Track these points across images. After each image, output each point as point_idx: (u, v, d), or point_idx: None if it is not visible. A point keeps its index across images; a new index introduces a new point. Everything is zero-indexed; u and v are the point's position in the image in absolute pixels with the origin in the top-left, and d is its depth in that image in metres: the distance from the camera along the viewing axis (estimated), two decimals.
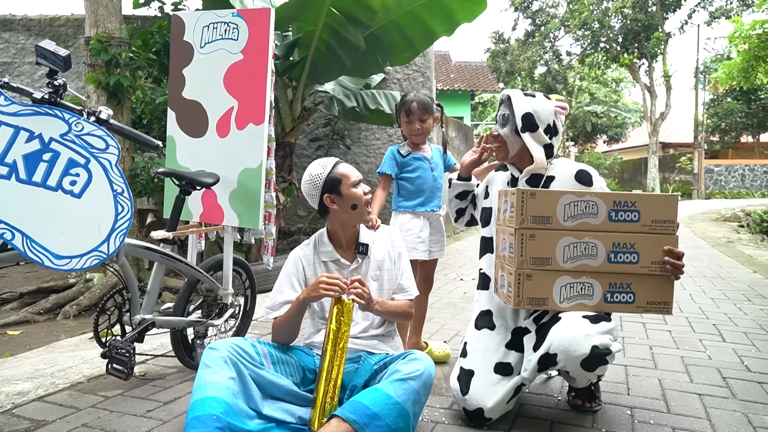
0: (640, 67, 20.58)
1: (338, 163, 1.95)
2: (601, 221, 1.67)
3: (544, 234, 1.69)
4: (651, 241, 1.65)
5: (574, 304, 1.70)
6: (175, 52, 2.57)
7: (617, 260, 1.67)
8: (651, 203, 1.66)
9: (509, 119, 1.97)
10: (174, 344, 2.39)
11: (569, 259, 1.69)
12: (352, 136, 7.68)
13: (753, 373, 2.48)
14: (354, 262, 1.97)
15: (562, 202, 1.68)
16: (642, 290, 1.68)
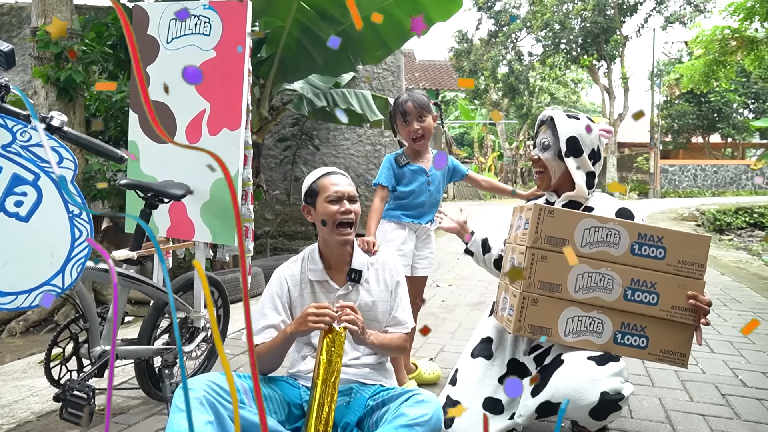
0: (599, 69, 21.05)
1: (327, 174, 1.77)
2: (622, 253, 1.52)
3: (558, 258, 1.53)
4: (674, 283, 1.50)
5: (580, 339, 1.55)
6: (138, 48, 2.30)
7: (634, 299, 1.52)
8: (680, 242, 1.51)
9: (551, 143, 1.82)
10: (139, 375, 2.14)
11: (581, 290, 1.54)
12: (321, 136, 7.44)
13: (750, 388, 2.43)
14: (344, 287, 1.78)
15: (581, 225, 1.53)
16: (657, 336, 1.52)
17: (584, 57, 20.27)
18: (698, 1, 18.59)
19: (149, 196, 2.00)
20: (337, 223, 1.69)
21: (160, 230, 2.28)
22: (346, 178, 1.78)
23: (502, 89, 24.00)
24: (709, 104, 21.37)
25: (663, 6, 19.20)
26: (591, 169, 1.81)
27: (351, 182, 1.77)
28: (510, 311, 1.62)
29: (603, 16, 19.39)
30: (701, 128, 22.73)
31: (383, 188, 2.30)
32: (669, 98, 23.22)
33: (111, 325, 1.92)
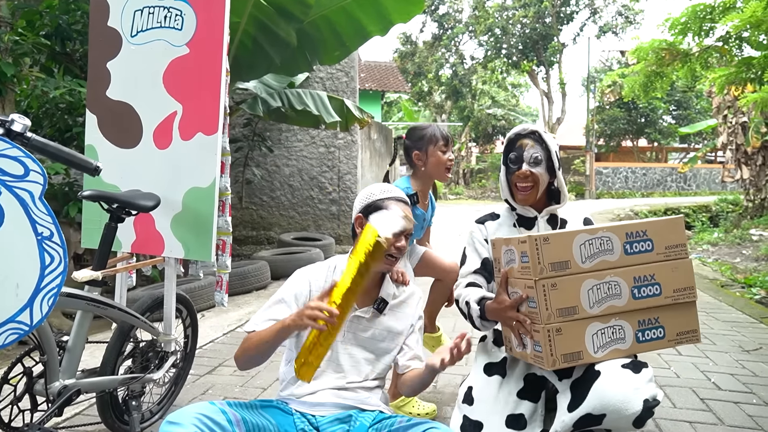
0: (539, 74, 21.81)
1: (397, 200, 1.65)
2: (619, 256, 1.54)
3: (566, 281, 1.51)
4: (669, 268, 1.57)
5: (609, 351, 1.53)
6: (96, 41, 2.05)
7: (642, 295, 1.55)
8: (661, 229, 1.58)
9: (542, 158, 1.82)
10: (102, 409, 1.90)
11: (595, 304, 1.53)
12: (273, 137, 7.18)
13: (724, 391, 2.49)
14: (364, 310, 1.65)
15: (576, 242, 1.52)
16: (670, 322, 1.58)
17: (524, 62, 20.93)
18: (629, 14, 19.63)
19: (115, 208, 1.78)
20: (388, 254, 1.57)
21: (124, 245, 2.05)
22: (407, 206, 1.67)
23: (446, 91, 24.35)
24: (638, 110, 22.64)
25: (597, 16, 20.15)
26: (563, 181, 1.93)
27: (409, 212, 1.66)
28: (535, 347, 1.58)
29: (542, 23, 20.08)
30: (631, 133, 24.05)
31: None
32: (601, 104, 24.42)
33: (71, 356, 1.69)
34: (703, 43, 7.36)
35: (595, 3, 19.96)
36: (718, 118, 11.96)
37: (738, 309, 4.10)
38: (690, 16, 6.93)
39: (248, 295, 4.76)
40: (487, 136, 28.93)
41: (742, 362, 2.90)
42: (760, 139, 10.37)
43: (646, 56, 8.01)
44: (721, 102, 11.84)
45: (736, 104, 10.80)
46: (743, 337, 3.38)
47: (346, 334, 1.67)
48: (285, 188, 7.31)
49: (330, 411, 1.63)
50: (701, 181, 22.95)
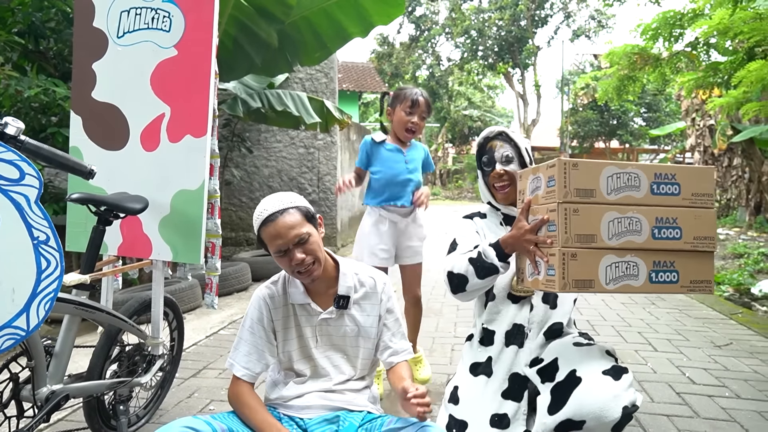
0: (514, 76, 22.10)
1: (264, 223, 1.50)
2: (644, 194, 1.54)
3: (588, 209, 1.53)
4: (692, 215, 1.56)
5: (621, 285, 1.53)
6: (82, 41, 2.02)
7: (661, 236, 1.54)
8: (690, 176, 1.57)
9: (513, 156, 1.86)
10: (89, 414, 1.88)
11: (614, 236, 1.52)
12: (252, 138, 7.14)
13: (699, 385, 2.59)
14: (328, 311, 1.63)
15: (605, 174, 1.53)
16: (685, 268, 1.56)
17: (500, 64, 21.19)
18: (601, 18, 20.07)
19: (103, 211, 1.76)
20: (296, 271, 1.54)
21: (110, 248, 2.03)
22: (286, 216, 1.49)
23: None
24: (610, 113, 23.12)
25: (571, 20, 20.54)
26: None
27: (296, 215, 1.51)
28: (549, 271, 1.57)
29: (517, 26, 20.37)
30: (603, 134, 24.54)
31: (359, 169, 2.51)
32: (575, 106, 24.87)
33: (59, 361, 1.67)
34: (673, 49, 7.57)
35: (568, 7, 20.36)
36: (687, 121, 12.33)
37: (709, 306, 4.25)
38: (661, 22, 7.12)
39: (229, 297, 4.73)
40: (463, 137, 29.18)
41: (714, 357, 3.02)
42: (726, 142, 10.72)
43: (619, 60, 8.21)
44: (690, 105, 12.21)
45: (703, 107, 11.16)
46: (714, 333, 3.50)
47: (320, 339, 1.65)
48: (264, 189, 7.26)
49: (318, 413, 1.63)
50: None
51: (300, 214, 1.51)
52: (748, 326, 3.65)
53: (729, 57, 6.71)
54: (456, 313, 4.07)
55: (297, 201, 1.55)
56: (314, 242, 1.52)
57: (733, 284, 5.20)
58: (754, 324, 3.71)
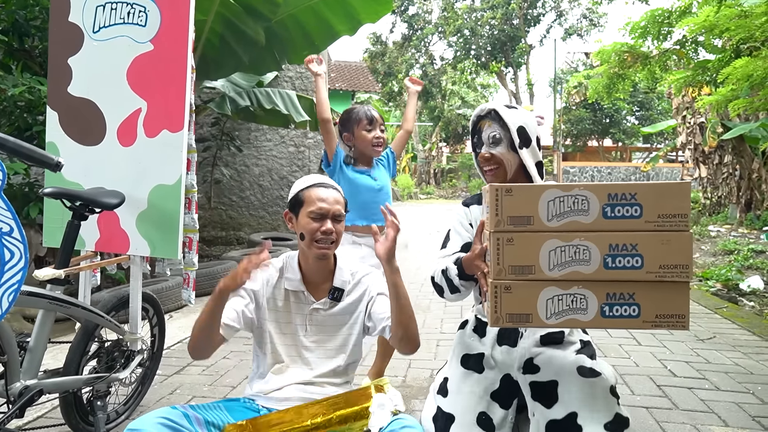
0: (507, 75, 22.16)
1: (316, 185, 1.63)
2: (594, 219, 1.37)
3: (525, 237, 1.39)
4: (658, 240, 1.35)
5: (565, 320, 1.39)
6: (57, 37, 2.02)
7: (616, 265, 1.36)
8: (656, 194, 1.35)
9: (501, 137, 1.69)
10: (65, 410, 1.87)
11: (556, 267, 1.38)
12: (242, 136, 7.12)
13: (680, 378, 2.61)
14: (321, 301, 1.66)
15: (544, 198, 1.38)
16: (649, 301, 1.36)
17: (493, 63, 21.24)
18: (593, 17, 20.16)
19: (78, 206, 1.76)
20: (316, 240, 1.59)
21: (88, 243, 2.02)
22: (335, 192, 1.64)
23: None
24: (603, 111, 23.23)
25: (563, 19, 20.61)
26: (539, 158, 1.72)
27: (340, 198, 1.65)
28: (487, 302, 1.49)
29: (510, 25, 20.42)
30: (596, 133, 24.65)
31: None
32: (568, 105, 24.96)
33: (33, 356, 1.66)
34: (662, 47, 7.62)
35: (561, 6, 20.43)
36: (678, 119, 12.38)
37: (694, 301, 4.28)
38: (649, 20, 7.16)
39: None
40: (457, 136, 29.22)
41: (696, 350, 3.04)
42: (716, 139, 10.78)
43: (608, 59, 8.25)
44: (680, 103, 12.26)
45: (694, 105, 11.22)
46: (699, 327, 3.53)
47: (309, 328, 1.67)
48: (255, 188, 7.25)
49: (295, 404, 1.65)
50: (663, 180, 23.73)
51: (343, 200, 1.65)
52: (732, 320, 3.68)
53: (717, 55, 6.75)
54: (443, 310, 4.08)
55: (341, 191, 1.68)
56: (342, 228, 1.63)
57: (721, 280, 5.23)
58: (738, 318, 3.74)
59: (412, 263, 6.38)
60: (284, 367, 1.67)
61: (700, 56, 7.60)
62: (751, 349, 3.04)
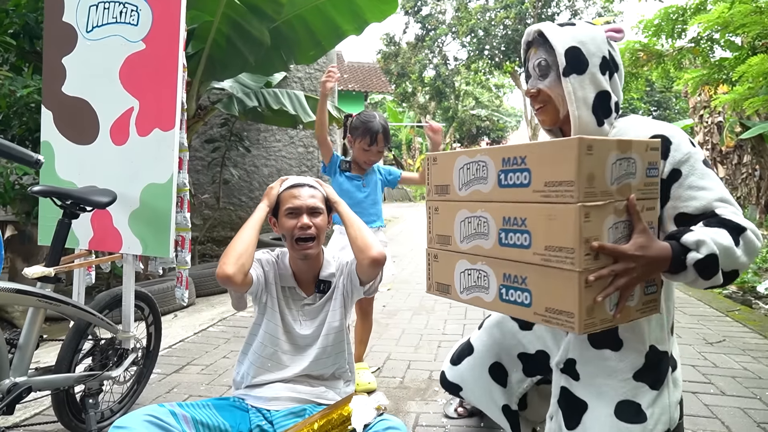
0: (521, 75, 21.95)
1: (292, 186, 1.68)
2: (491, 188, 1.20)
3: (445, 206, 1.33)
4: (544, 214, 1.09)
5: (472, 297, 1.28)
6: (51, 36, 2.04)
7: (508, 242, 1.17)
8: (543, 157, 1.10)
9: (549, 63, 1.36)
10: (57, 407, 1.88)
11: (465, 239, 1.28)
12: (251, 137, 7.16)
13: (684, 382, 2.53)
14: (311, 297, 1.71)
15: (456, 165, 1.27)
16: (539, 289, 1.13)
17: (507, 63, 21.08)
18: (608, 15, 19.90)
19: (69, 204, 1.77)
20: (295, 238, 1.61)
21: (81, 242, 2.04)
22: (311, 188, 1.68)
23: (429, 92, 24.44)
24: None
25: (578, 17, 20.38)
26: (604, 87, 1.33)
27: (317, 193, 1.69)
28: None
29: (524, 24, 20.26)
30: None
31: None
32: None
33: (22, 353, 1.68)
34: (676, 45, 7.50)
35: (575, 5, 20.21)
36: (695, 118, 12.17)
37: (706, 303, 4.18)
38: (663, 17, 7.04)
39: (223, 294, 4.74)
40: (471, 137, 29.10)
41: (704, 354, 2.96)
42: (734, 139, 10.57)
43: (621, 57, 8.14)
44: (698, 102, 12.05)
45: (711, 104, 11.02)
46: (708, 330, 3.44)
47: (303, 322, 1.70)
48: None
49: (285, 405, 1.65)
50: None
51: (321, 195, 1.69)
52: (743, 323, 3.58)
53: (734, 52, 6.62)
54: (447, 311, 4.04)
55: (320, 186, 1.73)
56: (322, 222, 1.65)
57: (736, 282, 5.11)
58: (750, 321, 3.64)
59: (419, 264, 6.35)
60: (274, 357, 1.68)
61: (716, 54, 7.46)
62: (762, 353, 2.96)
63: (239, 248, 1.53)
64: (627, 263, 1.09)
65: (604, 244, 1.07)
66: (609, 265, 1.08)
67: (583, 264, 1.04)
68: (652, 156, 1.17)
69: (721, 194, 1.22)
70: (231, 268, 1.49)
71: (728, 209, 1.21)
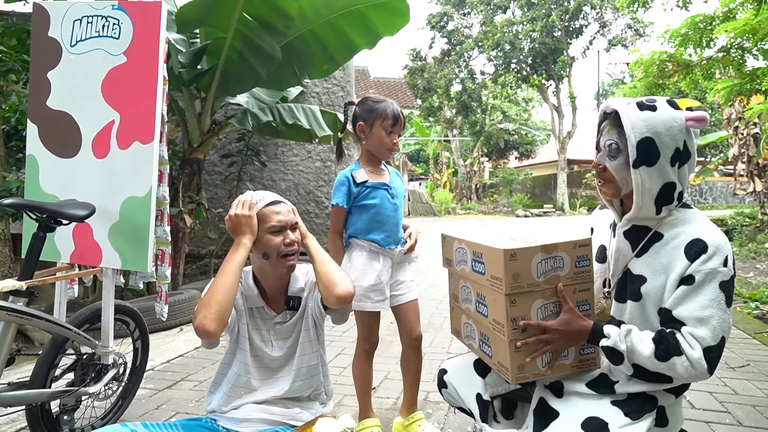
0: (548, 88, 21.70)
1: (272, 203, 1.59)
2: (469, 269, 1.58)
3: (451, 274, 1.76)
4: (491, 296, 1.47)
5: (468, 343, 1.68)
6: (38, 51, 2.05)
7: (479, 310, 1.56)
8: (489, 257, 1.45)
9: (620, 148, 1.38)
10: (31, 423, 1.86)
11: (463, 300, 1.68)
12: (269, 151, 7.21)
13: (698, 410, 2.37)
14: (282, 315, 1.65)
15: (454, 246, 1.69)
16: (494, 347, 1.50)
17: (534, 76, 20.85)
18: (638, 26, 19.52)
19: (43, 218, 1.76)
20: (282, 254, 1.56)
21: (63, 255, 2.03)
22: (286, 205, 1.62)
23: (456, 107, 24.35)
24: None
25: (606, 30, 20.04)
26: (671, 178, 1.34)
27: (291, 207, 1.64)
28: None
29: (551, 37, 20.04)
30: None
31: (339, 210, 2.00)
32: None
33: None
34: (704, 54, 7.25)
35: (604, 17, 19.88)
36: (729, 130, 11.72)
37: (733, 325, 3.93)
38: (690, 27, 6.82)
39: None
40: (499, 151, 28.82)
41: (724, 380, 2.76)
42: None
43: (647, 68, 7.94)
44: (732, 113, 11.62)
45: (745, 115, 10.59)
46: (732, 353, 3.22)
47: (274, 343, 1.65)
48: None
49: (256, 426, 1.61)
50: (718, 194, 22.51)
51: (293, 209, 1.65)
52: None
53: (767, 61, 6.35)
54: None
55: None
56: (299, 235, 1.61)
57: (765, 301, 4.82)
58: None
59: (434, 280, 6.23)
60: (248, 385, 1.62)
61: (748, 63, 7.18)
62: None
63: (222, 300, 1.41)
64: (552, 334, 1.38)
65: (530, 321, 1.39)
66: (537, 336, 1.39)
67: (511, 336, 1.39)
68: (581, 251, 1.41)
69: (704, 317, 1.28)
70: (213, 324, 1.37)
71: (695, 331, 1.28)
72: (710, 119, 22.20)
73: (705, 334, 1.27)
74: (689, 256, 1.31)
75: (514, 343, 1.38)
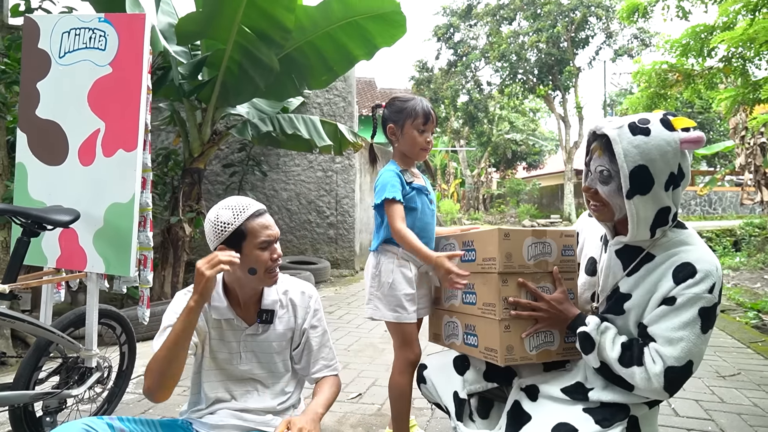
0: (555, 98, 21.70)
1: (255, 214, 1.50)
2: (458, 261, 1.65)
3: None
4: (482, 280, 1.54)
5: (450, 342, 1.72)
6: (28, 62, 2.13)
7: (467, 301, 1.63)
8: (482, 241, 1.56)
9: (612, 175, 1.34)
10: (14, 424, 1.90)
11: (446, 299, 1.72)
12: (270, 161, 7.29)
13: (681, 418, 2.36)
14: (253, 326, 1.60)
15: (441, 243, 1.81)
16: (482, 334, 1.56)
17: (540, 87, 20.88)
18: (644, 36, 19.51)
19: (28, 223, 1.81)
20: (269, 269, 1.52)
21: (49, 260, 2.08)
22: (269, 214, 1.58)
23: (462, 117, 24.41)
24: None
25: (612, 40, 20.05)
26: (665, 203, 1.32)
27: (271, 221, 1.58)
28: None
29: (557, 48, 20.09)
30: None
31: (398, 204, 1.79)
32: None
33: None
34: (706, 64, 7.25)
35: (610, 27, 19.90)
36: (735, 139, 11.65)
37: (728, 334, 3.91)
38: (690, 37, 6.84)
39: None
40: (507, 161, 28.81)
41: (713, 388, 2.74)
42: None
43: (648, 79, 7.96)
44: (738, 122, 11.55)
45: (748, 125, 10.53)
46: (723, 362, 3.20)
47: (243, 355, 1.62)
48: (283, 212, 7.37)
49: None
50: (727, 205, 22.28)
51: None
52: (764, 355, 3.32)
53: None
54: None
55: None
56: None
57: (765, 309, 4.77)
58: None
59: None
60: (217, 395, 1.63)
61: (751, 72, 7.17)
62: None
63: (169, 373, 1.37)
64: (543, 306, 1.45)
65: (520, 300, 1.46)
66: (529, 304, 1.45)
67: (502, 314, 1.45)
68: (567, 241, 1.54)
69: (674, 338, 1.29)
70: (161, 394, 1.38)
71: (661, 349, 1.30)
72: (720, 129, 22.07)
73: (671, 353, 1.28)
74: (676, 279, 1.31)
75: (504, 323, 1.44)
